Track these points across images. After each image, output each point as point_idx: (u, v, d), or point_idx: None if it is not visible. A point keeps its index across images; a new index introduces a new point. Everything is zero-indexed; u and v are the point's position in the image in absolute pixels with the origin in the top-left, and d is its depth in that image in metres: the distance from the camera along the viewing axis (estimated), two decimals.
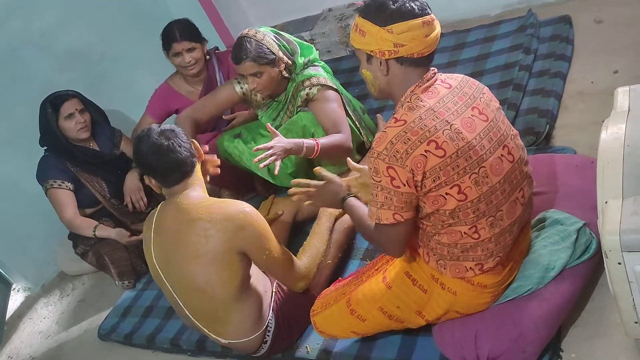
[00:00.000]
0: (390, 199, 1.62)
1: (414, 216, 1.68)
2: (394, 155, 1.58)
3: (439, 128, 1.60)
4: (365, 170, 2.14)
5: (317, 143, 2.51)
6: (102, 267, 3.19)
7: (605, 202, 1.54)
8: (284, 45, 2.65)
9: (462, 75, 1.77)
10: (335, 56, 3.87)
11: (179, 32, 3.06)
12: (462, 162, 1.61)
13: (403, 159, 1.58)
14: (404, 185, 1.60)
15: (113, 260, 3.11)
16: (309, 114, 2.68)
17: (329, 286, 2.20)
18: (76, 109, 3.05)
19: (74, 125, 3.04)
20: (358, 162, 2.75)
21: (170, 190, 2.08)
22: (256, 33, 2.60)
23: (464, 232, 1.68)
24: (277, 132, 2.49)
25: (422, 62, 1.67)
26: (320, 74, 2.70)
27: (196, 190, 2.06)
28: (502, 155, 1.67)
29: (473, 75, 3.04)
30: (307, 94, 2.66)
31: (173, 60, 3.14)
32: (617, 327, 1.77)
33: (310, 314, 2.11)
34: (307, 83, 2.67)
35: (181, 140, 2.02)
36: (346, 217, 2.51)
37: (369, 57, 1.68)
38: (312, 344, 2.23)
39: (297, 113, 2.73)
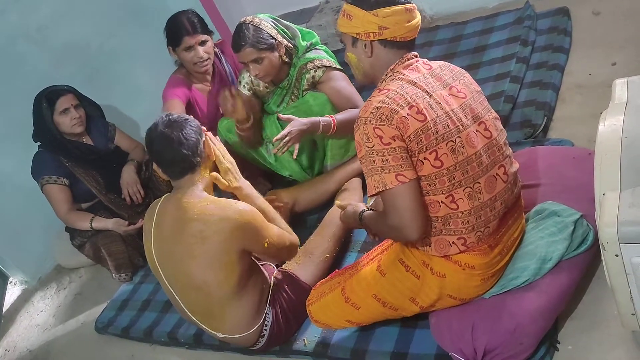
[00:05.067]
0: (387, 160, 1.66)
1: (417, 178, 1.69)
2: (379, 117, 1.67)
3: (419, 96, 1.71)
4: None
5: (333, 119, 2.53)
6: (99, 259, 3.19)
7: (603, 194, 1.54)
8: (282, 30, 2.64)
9: (444, 62, 1.88)
10: (332, 49, 3.82)
11: (190, 25, 2.87)
12: (441, 129, 1.70)
13: (389, 119, 1.67)
14: (394, 140, 1.66)
15: (110, 252, 3.11)
16: (314, 95, 2.65)
17: None
18: (71, 104, 3.04)
19: (68, 121, 3.03)
20: None
21: (175, 183, 2.07)
22: (253, 19, 2.59)
23: (442, 202, 1.73)
24: (291, 116, 2.51)
25: (404, 46, 1.80)
26: (323, 56, 2.70)
27: (198, 188, 2.04)
28: (477, 130, 1.76)
29: (470, 67, 3.06)
30: (313, 77, 2.66)
31: (183, 56, 2.93)
32: (614, 319, 1.77)
33: (306, 304, 2.12)
34: (310, 65, 2.66)
35: (185, 136, 1.97)
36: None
37: (355, 40, 1.82)
38: (309, 336, 2.23)
39: (302, 96, 2.72)
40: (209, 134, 2.16)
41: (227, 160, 2.20)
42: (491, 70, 2.99)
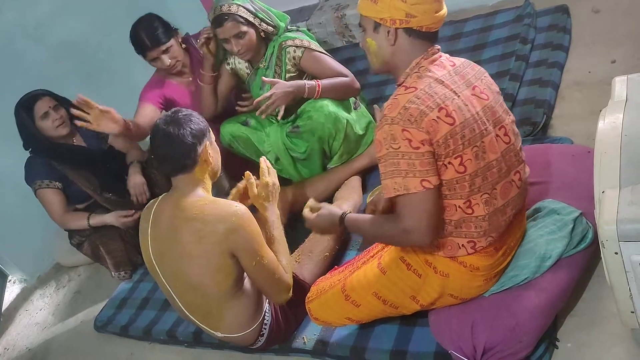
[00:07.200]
0: (413, 164, 1.59)
1: (440, 185, 1.64)
2: (408, 119, 1.58)
3: (448, 97, 1.63)
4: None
5: (318, 84, 2.57)
6: (98, 258, 3.19)
7: (602, 192, 1.53)
8: (260, 11, 2.65)
9: (465, 59, 1.81)
10: (332, 46, 3.86)
11: (148, 39, 2.89)
12: (468, 133, 1.63)
13: (418, 122, 1.58)
14: (422, 145, 1.58)
15: (109, 250, 3.11)
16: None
17: None
18: (49, 107, 2.99)
19: (51, 123, 2.99)
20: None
21: (173, 181, 2.04)
22: (233, 1, 2.60)
23: (459, 206, 1.69)
24: (275, 79, 2.57)
25: (428, 37, 1.70)
26: (303, 37, 2.71)
27: (196, 189, 2.01)
28: (497, 135, 1.71)
29: None
30: (294, 57, 2.67)
31: (153, 65, 3.02)
32: (613, 316, 1.77)
33: (306, 301, 2.11)
34: (290, 42, 2.66)
35: (180, 136, 1.93)
36: (342, 209, 2.50)
37: (377, 26, 1.70)
38: (309, 334, 2.23)
39: (285, 78, 2.71)
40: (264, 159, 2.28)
41: (271, 179, 2.23)
42: (491, 68, 2.97)
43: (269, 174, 2.26)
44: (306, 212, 2.07)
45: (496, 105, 1.73)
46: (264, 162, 2.29)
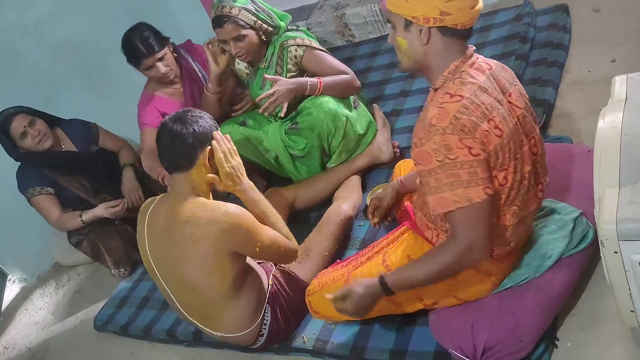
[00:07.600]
0: (475, 172, 1.50)
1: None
2: (461, 129, 1.50)
3: (494, 107, 1.56)
4: None
5: (320, 81, 2.57)
6: (97, 256, 3.19)
7: (602, 191, 1.53)
8: (261, 12, 2.65)
9: (498, 61, 1.73)
10: (331, 45, 3.85)
11: (144, 47, 2.89)
12: (512, 145, 1.58)
13: (472, 132, 1.50)
14: (482, 151, 1.51)
15: (108, 248, 3.11)
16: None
17: None
18: (24, 126, 2.97)
19: (31, 141, 2.99)
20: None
21: (172, 178, 2.04)
22: (231, 8, 2.58)
23: None
24: (277, 77, 2.56)
25: (463, 35, 1.62)
26: (303, 35, 2.71)
27: (192, 190, 2.01)
28: (529, 145, 1.66)
29: None
30: (296, 57, 2.66)
31: (146, 74, 3.01)
32: (613, 315, 1.77)
33: (306, 294, 2.11)
34: (291, 42, 2.66)
35: (187, 134, 1.93)
36: (341, 209, 2.50)
37: (408, 24, 1.60)
38: (308, 334, 2.23)
39: (286, 76, 2.70)
40: (218, 133, 2.04)
41: (230, 165, 2.05)
42: None
43: (226, 160, 2.04)
44: (337, 305, 1.82)
45: (528, 114, 1.68)
46: (218, 149, 2.03)
